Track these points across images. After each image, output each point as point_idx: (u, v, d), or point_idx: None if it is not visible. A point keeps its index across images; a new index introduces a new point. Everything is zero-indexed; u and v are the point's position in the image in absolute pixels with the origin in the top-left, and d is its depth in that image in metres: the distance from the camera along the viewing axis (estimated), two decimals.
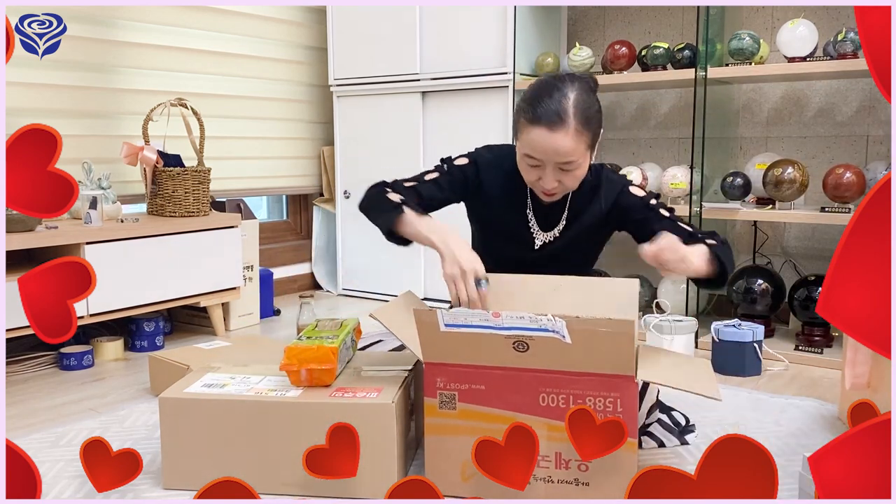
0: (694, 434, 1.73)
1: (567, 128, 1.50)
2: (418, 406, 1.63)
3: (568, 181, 1.59)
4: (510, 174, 1.71)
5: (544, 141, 1.52)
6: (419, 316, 1.37)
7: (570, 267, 1.75)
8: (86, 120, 2.79)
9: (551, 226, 1.75)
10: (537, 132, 1.52)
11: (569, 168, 1.56)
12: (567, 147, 1.51)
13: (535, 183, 1.61)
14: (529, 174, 1.61)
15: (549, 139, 1.51)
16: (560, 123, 1.50)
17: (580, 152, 1.54)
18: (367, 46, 3.37)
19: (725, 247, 1.59)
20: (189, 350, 2.15)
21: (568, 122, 1.50)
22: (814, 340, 2.50)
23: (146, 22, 2.93)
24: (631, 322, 1.28)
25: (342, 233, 3.60)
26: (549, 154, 1.53)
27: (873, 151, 2.68)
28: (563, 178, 1.58)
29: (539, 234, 1.75)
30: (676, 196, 2.69)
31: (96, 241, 2.36)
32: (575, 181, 1.60)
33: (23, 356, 2.43)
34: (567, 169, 1.56)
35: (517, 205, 1.75)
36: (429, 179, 1.74)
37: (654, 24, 3.11)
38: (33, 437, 1.78)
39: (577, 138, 1.52)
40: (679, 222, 1.66)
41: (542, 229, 1.75)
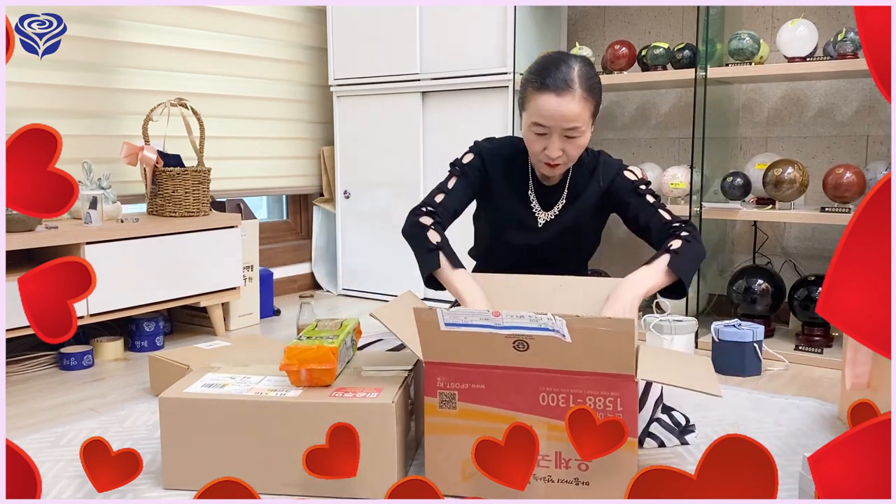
0: (694, 434, 1.73)
1: (574, 94, 1.60)
2: (418, 406, 1.63)
3: (571, 150, 1.67)
4: (510, 160, 1.83)
5: (552, 107, 1.60)
6: (419, 315, 1.37)
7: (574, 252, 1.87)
8: (86, 120, 2.79)
9: (552, 205, 1.83)
10: (545, 98, 1.61)
11: (574, 135, 1.64)
12: (574, 111, 1.60)
13: (540, 154, 1.68)
14: (535, 144, 1.68)
15: (557, 104, 1.60)
16: (567, 90, 1.60)
17: (585, 119, 1.63)
18: (367, 46, 3.37)
19: (693, 244, 1.65)
20: (189, 350, 2.15)
21: (574, 88, 1.60)
22: (814, 340, 2.50)
23: (146, 22, 2.93)
24: (631, 321, 1.28)
25: (342, 233, 3.60)
26: (557, 119, 1.61)
27: (873, 151, 2.68)
28: (567, 147, 1.66)
29: (541, 213, 1.83)
30: (676, 196, 2.68)
31: (96, 241, 2.36)
32: (577, 150, 1.68)
33: (23, 356, 2.43)
34: (572, 136, 1.64)
35: (518, 186, 1.84)
36: (452, 187, 1.81)
37: (654, 24, 3.11)
38: (33, 437, 1.78)
39: (582, 104, 1.61)
40: (660, 209, 1.74)
41: (544, 209, 1.83)
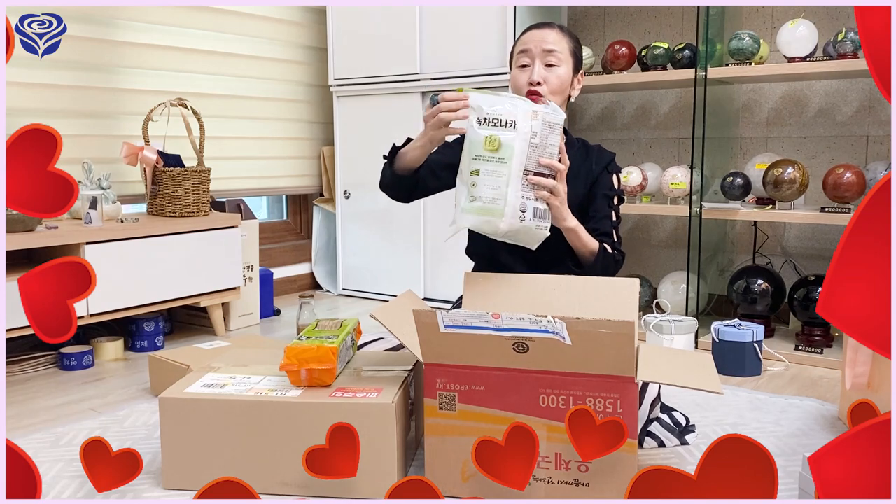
0: (694, 434, 1.73)
1: (553, 27, 1.80)
2: (418, 406, 1.63)
3: (552, 79, 1.76)
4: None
5: (533, 34, 1.79)
6: (419, 317, 1.37)
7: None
8: (86, 120, 2.79)
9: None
10: (528, 33, 1.81)
11: (553, 62, 1.76)
12: (553, 37, 1.77)
13: (524, 87, 1.77)
14: (519, 78, 1.79)
15: (538, 32, 1.79)
16: (546, 25, 1.81)
17: (563, 49, 1.78)
18: (367, 46, 3.37)
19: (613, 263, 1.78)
20: (189, 350, 2.15)
21: (553, 25, 1.81)
22: (814, 340, 2.50)
23: (146, 22, 2.93)
24: (631, 323, 1.28)
25: (342, 233, 3.60)
26: (537, 41, 1.77)
27: (873, 151, 2.68)
28: (548, 76, 1.76)
29: None
30: (676, 196, 2.69)
31: (96, 241, 2.36)
32: (558, 81, 1.77)
33: (23, 356, 2.43)
34: (552, 63, 1.76)
35: None
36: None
37: (654, 24, 3.11)
38: (33, 437, 1.78)
39: (560, 36, 1.79)
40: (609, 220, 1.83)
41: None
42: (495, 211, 1.59)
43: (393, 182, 1.82)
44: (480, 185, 1.58)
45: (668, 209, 2.71)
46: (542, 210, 1.63)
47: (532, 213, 1.61)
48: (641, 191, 2.80)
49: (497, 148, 1.58)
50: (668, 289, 2.83)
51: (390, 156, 1.82)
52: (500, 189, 1.58)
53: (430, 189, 1.86)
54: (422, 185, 1.83)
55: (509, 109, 1.58)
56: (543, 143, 1.59)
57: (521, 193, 1.59)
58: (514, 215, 1.59)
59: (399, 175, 1.80)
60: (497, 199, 1.58)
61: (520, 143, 1.57)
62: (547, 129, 1.59)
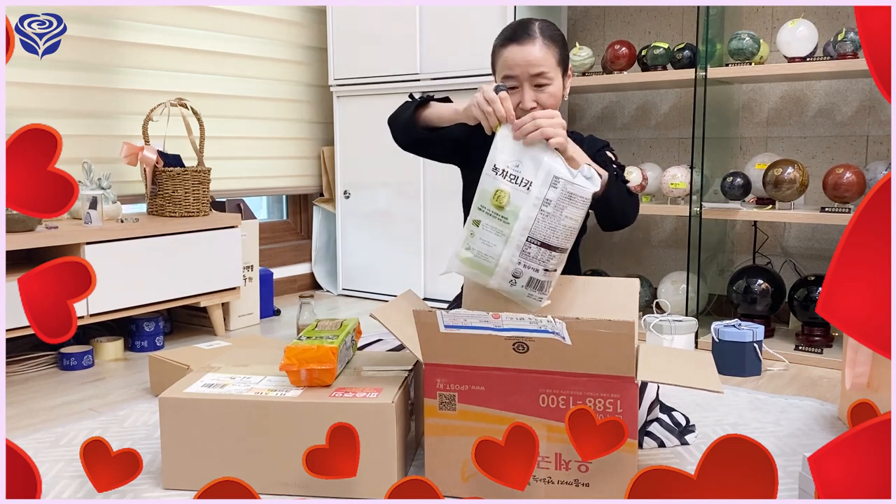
0: (694, 434, 1.73)
1: (535, 41, 1.65)
2: (418, 406, 1.63)
3: (544, 99, 1.68)
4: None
5: (515, 55, 1.65)
6: (419, 317, 1.37)
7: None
8: (86, 120, 2.78)
9: None
10: (509, 49, 1.67)
11: (542, 82, 1.66)
12: (537, 56, 1.65)
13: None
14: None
15: (520, 51, 1.65)
16: (528, 38, 1.66)
17: (550, 64, 1.66)
18: (367, 46, 3.37)
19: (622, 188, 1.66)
20: (189, 350, 2.15)
21: (536, 36, 1.66)
22: (814, 340, 2.50)
23: (146, 22, 2.93)
24: (631, 323, 1.28)
25: (342, 233, 3.60)
26: (522, 66, 1.65)
27: (873, 151, 2.68)
28: (539, 97, 1.67)
29: None
30: (676, 196, 2.69)
31: (96, 241, 2.36)
32: (551, 100, 1.69)
33: (23, 356, 2.43)
34: (541, 83, 1.66)
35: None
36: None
37: (654, 24, 3.11)
38: (33, 437, 1.78)
39: (545, 50, 1.66)
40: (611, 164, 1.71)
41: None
42: (485, 268, 1.51)
43: (407, 126, 1.77)
44: (477, 238, 1.50)
45: (668, 209, 2.71)
46: (539, 282, 1.50)
47: (526, 282, 1.50)
48: (641, 191, 2.80)
49: (503, 206, 1.47)
50: (668, 289, 2.83)
51: (422, 102, 1.76)
52: (494, 248, 1.49)
53: (430, 153, 1.86)
54: (426, 144, 1.81)
55: (530, 166, 1.46)
56: (558, 214, 1.45)
57: (517, 259, 1.48)
58: (504, 277, 1.50)
59: (416, 124, 1.76)
60: (489, 257, 1.49)
61: (528, 209, 1.46)
62: (566, 199, 1.45)
